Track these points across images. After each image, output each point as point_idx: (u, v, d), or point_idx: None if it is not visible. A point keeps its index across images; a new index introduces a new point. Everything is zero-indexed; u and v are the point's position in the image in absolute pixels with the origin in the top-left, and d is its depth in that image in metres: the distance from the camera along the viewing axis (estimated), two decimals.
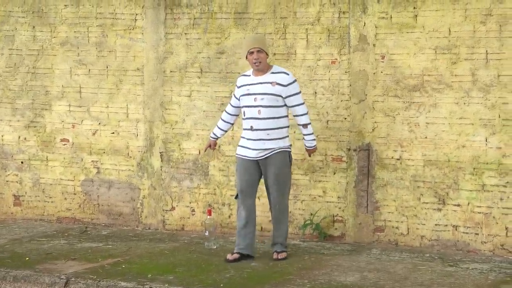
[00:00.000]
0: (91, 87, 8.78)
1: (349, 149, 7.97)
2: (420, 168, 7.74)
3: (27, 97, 9.05)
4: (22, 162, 9.10)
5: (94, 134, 8.84)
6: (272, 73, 7.22)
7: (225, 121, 7.53)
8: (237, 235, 7.38)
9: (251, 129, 7.21)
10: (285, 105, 7.23)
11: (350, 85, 7.93)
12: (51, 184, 9.01)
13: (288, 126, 7.32)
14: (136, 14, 8.60)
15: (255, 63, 7.16)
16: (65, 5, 8.85)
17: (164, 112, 8.57)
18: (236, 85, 7.45)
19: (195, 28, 8.40)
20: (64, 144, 8.95)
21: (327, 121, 8.03)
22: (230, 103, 7.50)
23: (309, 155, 7.62)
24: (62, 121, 8.94)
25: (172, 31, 8.48)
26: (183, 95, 8.50)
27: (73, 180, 8.92)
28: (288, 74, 7.23)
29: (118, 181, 8.77)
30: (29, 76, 9.03)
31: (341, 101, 7.97)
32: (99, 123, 8.82)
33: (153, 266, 7.12)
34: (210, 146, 7.65)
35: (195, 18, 8.39)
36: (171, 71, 8.52)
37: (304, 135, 7.37)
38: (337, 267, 7.08)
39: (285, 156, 7.26)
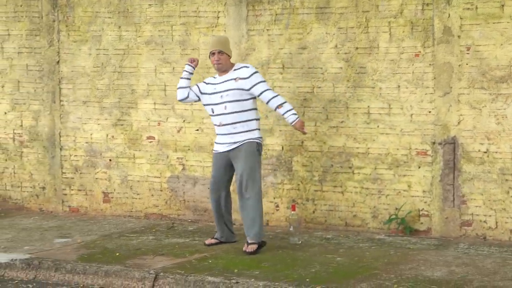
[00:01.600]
0: (176, 85, 8.75)
1: (434, 143, 7.87)
2: (509, 161, 7.59)
3: (114, 96, 9.18)
4: (110, 160, 9.23)
5: (179, 131, 8.93)
6: (234, 70, 7.55)
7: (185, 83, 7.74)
8: (216, 223, 7.78)
9: (220, 124, 7.51)
10: (252, 98, 7.48)
11: (435, 78, 7.83)
12: (138, 181, 9.12)
13: (257, 119, 7.53)
14: (219, 12, 8.64)
15: (216, 64, 7.52)
16: (150, 5, 8.94)
17: None
18: (203, 81, 7.75)
19: (277, 24, 8.40)
20: (150, 142, 9.05)
21: (411, 114, 7.95)
22: (195, 85, 7.73)
23: (303, 132, 7.55)
24: (148, 119, 9.04)
25: (254, 27, 8.50)
26: None
27: (159, 177, 9.01)
28: (248, 67, 7.53)
29: (203, 178, 8.83)
30: (115, 75, 9.15)
31: (425, 94, 7.88)
32: (184, 121, 8.89)
33: (239, 261, 7.15)
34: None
35: (276, 14, 8.39)
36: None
37: (284, 114, 7.45)
38: (423, 261, 7.00)
39: (252, 146, 7.45)
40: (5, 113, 9.65)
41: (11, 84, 9.59)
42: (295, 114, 7.48)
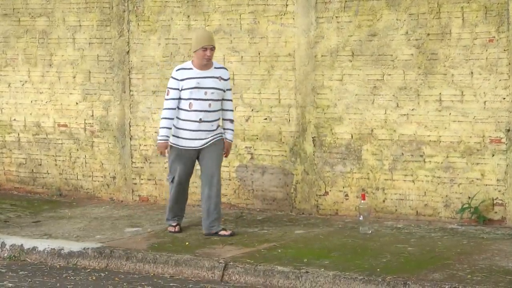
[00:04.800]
0: (244, 73, 8.86)
1: (508, 130, 7.74)
2: None
3: None
4: None
5: (247, 120, 8.92)
6: (215, 68, 7.76)
7: (171, 119, 7.72)
8: (172, 210, 7.97)
9: (200, 121, 7.62)
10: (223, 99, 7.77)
11: (509, 64, 7.68)
12: None
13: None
14: None
15: (206, 59, 7.61)
16: None
17: (315, 97, 8.56)
18: (174, 78, 7.68)
19: (346, 11, 8.33)
20: None
21: (485, 101, 7.82)
22: (171, 98, 7.66)
23: (228, 152, 7.93)
24: None
25: (323, 15, 8.44)
26: (334, 79, 8.46)
27: (228, 166, 9.00)
28: (227, 70, 7.92)
29: (272, 167, 8.82)
30: None
31: (500, 80, 7.74)
32: (252, 110, 8.88)
33: (308, 251, 7.14)
34: (165, 148, 7.78)
35: (346, 1, 8.32)
36: (322, 56, 8.48)
37: (229, 129, 7.84)
38: (498, 251, 6.92)
39: (221, 141, 7.81)
40: (77, 103, 9.77)
41: (82, 74, 9.70)
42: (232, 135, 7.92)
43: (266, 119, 8.85)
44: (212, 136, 7.75)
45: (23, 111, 9.99)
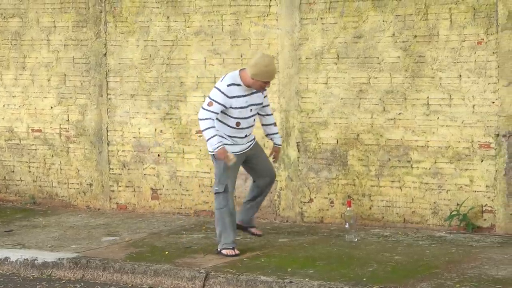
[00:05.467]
0: None
1: (497, 135, 7.69)
2: None
3: (162, 89, 9.11)
4: (158, 155, 9.18)
5: None
6: None
7: (214, 127, 7.27)
8: (232, 230, 7.40)
9: (245, 136, 7.41)
10: None
11: (498, 67, 7.63)
12: (187, 177, 9.05)
13: None
14: (270, 0, 8.53)
15: (261, 90, 7.35)
16: None
17: (300, 100, 8.48)
18: (223, 94, 7.21)
19: (331, 12, 8.27)
20: (199, 136, 8.98)
21: (473, 105, 7.76)
22: (214, 112, 7.22)
23: (277, 158, 7.72)
24: (197, 113, 8.89)
25: (307, 16, 8.38)
26: (319, 83, 8.38)
27: (209, 173, 8.93)
28: None
29: None
30: (164, 67, 9.10)
31: (488, 84, 7.69)
32: None
33: (292, 260, 7.09)
34: (226, 153, 7.28)
35: (331, 2, 8.27)
36: (306, 58, 8.39)
37: (276, 133, 7.62)
38: (487, 260, 6.89)
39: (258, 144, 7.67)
40: (51, 107, 9.67)
41: (57, 77, 9.61)
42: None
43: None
44: (251, 139, 7.56)
45: None
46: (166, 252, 7.45)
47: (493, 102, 7.67)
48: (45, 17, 9.54)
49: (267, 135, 7.65)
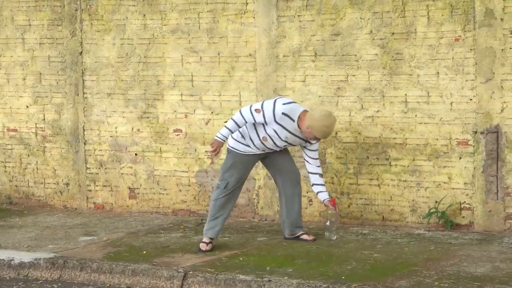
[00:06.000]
0: (203, 75, 8.72)
1: (475, 132, 7.68)
2: None
3: (139, 87, 9.04)
4: (136, 154, 9.12)
5: (207, 123, 8.76)
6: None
7: (239, 127, 7.29)
8: (218, 223, 7.45)
9: (263, 151, 7.39)
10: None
11: (476, 64, 7.62)
12: (165, 176, 8.99)
13: None
14: None
15: (308, 141, 7.32)
16: None
17: None
18: (274, 116, 7.15)
19: (309, 10, 8.22)
20: (177, 135, 8.91)
21: (451, 102, 7.75)
22: (253, 118, 7.19)
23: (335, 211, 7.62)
24: (175, 111, 8.90)
25: (285, 13, 8.33)
26: (297, 80, 8.33)
27: (187, 172, 8.88)
28: (318, 142, 7.50)
29: None
30: (140, 65, 9.02)
31: (466, 81, 7.68)
32: (212, 112, 8.72)
33: (271, 259, 7.05)
34: (220, 147, 7.33)
35: None
36: (284, 56, 8.35)
37: (321, 185, 7.56)
38: (466, 257, 6.87)
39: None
40: (27, 106, 9.57)
41: (32, 76, 9.51)
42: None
43: (226, 122, 8.63)
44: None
45: None
46: (144, 252, 7.40)
47: (470, 99, 7.66)
48: (20, 15, 9.44)
49: (312, 185, 7.52)
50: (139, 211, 9.11)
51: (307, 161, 7.47)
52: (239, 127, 7.26)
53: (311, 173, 7.49)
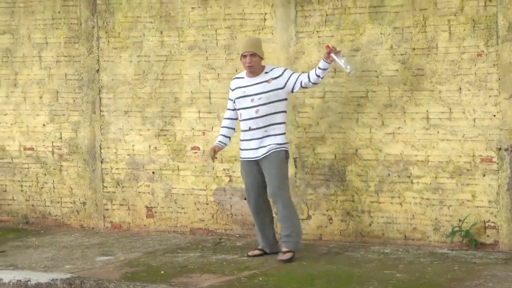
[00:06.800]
0: (221, 92, 8.68)
1: (499, 149, 7.59)
2: None
3: (156, 104, 9.00)
4: (153, 172, 9.07)
5: None
6: (266, 72, 7.64)
7: (228, 127, 7.86)
8: (256, 234, 7.88)
9: (249, 129, 7.60)
10: (284, 99, 7.61)
11: (499, 79, 7.53)
12: (183, 194, 8.94)
13: (284, 123, 7.64)
14: (265, 14, 8.45)
15: (248, 66, 7.60)
16: (193, 8, 8.78)
17: (296, 115, 8.37)
18: (230, 88, 7.79)
19: (328, 25, 8.17)
20: (195, 153, 8.86)
21: (474, 119, 7.66)
22: (227, 108, 7.85)
23: (332, 51, 7.57)
24: (192, 129, 8.85)
25: (303, 29, 8.28)
26: (316, 97, 8.27)
27: (205, 190, 8.82)
28: (279, 67, 7.75)
29: None
30: (157, 83, 8.99)
31: (489, 96, 7.59)
32: None
33: (291, 279, 6.97)
34: (214, 151, 7.82)
35: (327, 15, 8.17)
36: (303, 72, 8.26)
37: (320, 68, 7.62)
38: (491, 277, 6.79)
39: (280, 155, 7.58)
40: (44, 125, 9.55)
41: (49, 94, 9.50)
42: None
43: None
44: (269, 144, 7.59)
45: None
46: (162, 272, 7.34)
47: (494, 116, 7.57)
48: (37, 33, 9.46)
49: (316, 73, 7.58)
50: (156, 230, 9.06)
51: (301, 81, 7.60)
52: (228, 127, 7.83)
53: (307, 76, 7.60)
